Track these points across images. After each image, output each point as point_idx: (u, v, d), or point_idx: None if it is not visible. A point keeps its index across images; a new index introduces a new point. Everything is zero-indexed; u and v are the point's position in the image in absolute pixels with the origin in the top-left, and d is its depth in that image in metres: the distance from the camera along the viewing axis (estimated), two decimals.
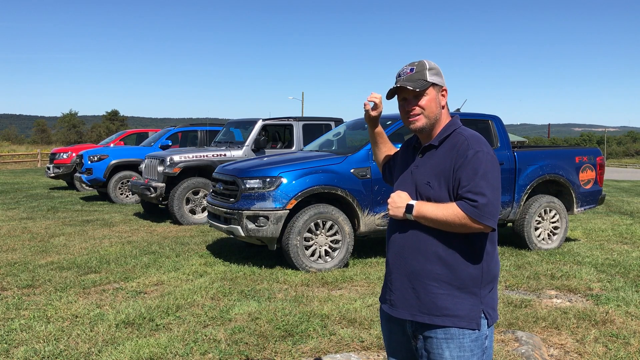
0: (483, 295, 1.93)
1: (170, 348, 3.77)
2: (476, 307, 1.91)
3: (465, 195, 1.85)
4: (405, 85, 1.96)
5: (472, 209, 1.83)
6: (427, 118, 1.99)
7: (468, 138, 1.95)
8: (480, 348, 1.92)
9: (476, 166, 1.87)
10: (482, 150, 1.90)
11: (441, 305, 1.90)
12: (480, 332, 1.91)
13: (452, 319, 1.89)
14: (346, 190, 6.15)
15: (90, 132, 66.57)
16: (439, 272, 1.91)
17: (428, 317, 1.91)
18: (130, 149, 13.38)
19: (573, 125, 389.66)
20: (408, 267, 1.97)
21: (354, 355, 3.69)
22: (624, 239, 8.18)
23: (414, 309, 1.95)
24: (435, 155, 2.00)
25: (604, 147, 67.13)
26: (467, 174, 1.87)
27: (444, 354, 1.91)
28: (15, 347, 3.81)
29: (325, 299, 4.96)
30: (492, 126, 7.26)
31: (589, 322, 4.38)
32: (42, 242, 7.67)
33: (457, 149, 1.93)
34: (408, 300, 1.96)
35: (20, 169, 28.47)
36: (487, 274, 1.94)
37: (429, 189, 1.95)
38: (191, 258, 6.63)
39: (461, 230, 1.87)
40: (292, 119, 10.43)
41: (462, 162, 1.89)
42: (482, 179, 1.85)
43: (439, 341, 1.91)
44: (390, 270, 2.05)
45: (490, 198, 1.84)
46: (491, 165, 1.89)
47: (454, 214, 1.84)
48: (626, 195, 15.52)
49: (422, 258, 1.94)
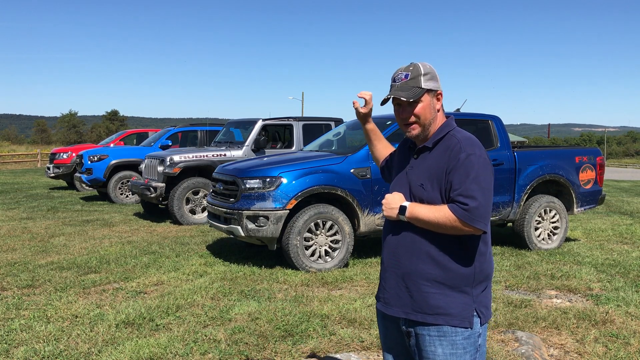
0: (476, 294, 1.96)
1: (170, 348, 3.77)
2: (469, 305, 1.94)
3: (457, 199, 1.88)
4: (399, 95, 1.98)
5: (463, 212, 1.85)
6: (422, 125, 2.02)
7: (461, 140, 1.96)
8: (473, 346, 1.95)
9: (468, 169, 1.89)
10: (474, 153, 1.92)
11: (434, 304, 1.93)
12: (473, 331, 1.94)
13: (445, 318, 1.92)
14: (346, 190, 6.15)
15: (90, 132, 66.59)
16: (431, 272, 1.94)
17: (421, 315, 1.95)
18: (130, 149, 13.38)
19: (573, 125, 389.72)
20: (402, 266, 2.00)
21: (354, 355, 3.69)
22: (624, 239, 8.18)
23: (407, 307, 1.98)
24: (429, 157, 2.02)
25: (604, 147, 67.15)
26: (459, 177, 1.89)
27: (437, 351, 1.94)
28: (15, 347, 3.81)
29: (325, 299, 4.96)
30: (492, 126, 7.26)
31: (589, 322, 4.38)
32: (42, 242, 7.67)
33: (450, 151, 1.95)
34: (402, 298, 2.00)
35: (20, 169, 28.47)
36: (479, 274, 1.97)
37: (422, 190, 1.98)
38: (191, 258, 6.63)
39: (452, 232, 1.90)
40: (292, 119, 10.43)
41: (455, 164, 1.91)
42: (474, 183, 1.87)
43: (432, 339, 1.94)
44: (384, 269, 2.09)
45: (481, 201, 1.86)
46: (483, 169, 1.90)
47: (445, 216, 1.87)
48: (626, 195, 15.52)
49: (416, 258, 1.97)
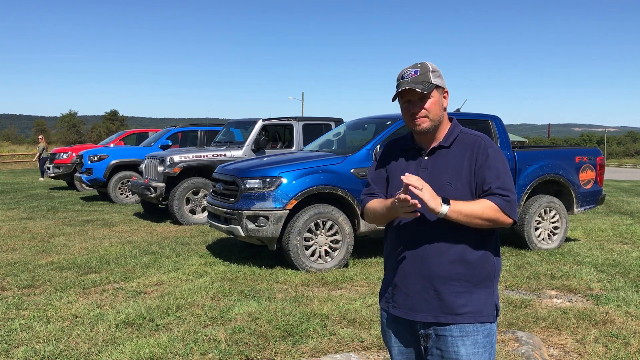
0: (494, 288, 2.03)
1: (170, 348, 3.77)
2: (491, 300, 1.99)
3: (496, 191, 1.92)
4: (414, 87, 1.96)
5: (506, 203, 1.91)
6: (432, 120, 2.01)
7: (482, 137, 2.03)
8: (490, 344, 1.98)
9: (498, 164, 1.96)
10: (498, 149, 2.01)
11: (462, 302, 1.94)
12: (491, 328, 1.98)
13: (474, 315, 1.95)
14: (346, 190, 6.15)
15: (90, 132, 66.53)
16: (460, 272, 1.95)
17: (452, 316, 1.94)
18: (130, 149, 13.38)
19: (573, 125, 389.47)
20: (429, 269, 1.96)
21: (354, 355, 3.69)
22: (624, 239, 8.18)
23: (436, 310, 1.96)
24: (448, 156, 2.01)
25: (604, 147, 67.11)
26: (494, 171, 1.95)
27: (460, 351, 1.93)
28: (15, 347, 3.81)
29: (325, 299, 4.95)
30: (492, 126, 7.26)
31: (589, 322, 4.38)
32: (42, 242, 7.67)
33: (475, 148, 1.99)
34: (429, 302, 1.97)
35: (20, 169, 28.48)
36: (498, 269, 2.04)
37: (451, 189, 1.95)
38: (191, 258, 6.63)
39: (489, 225, 1.92)
40: (292, 119, 10.43)
41: (485, 160, 1.96)
42: (507, 176, 1.96)
43: (454, 339, 1.94)
44: (404, 275, 2.01)
45: (515, 193, 1.97)
46: (507, 164, 2.02)
47: (490, 208, 1.90)
48: (626, 195, 15.51)
49: (445, 259, 1.95)
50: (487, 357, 1.96)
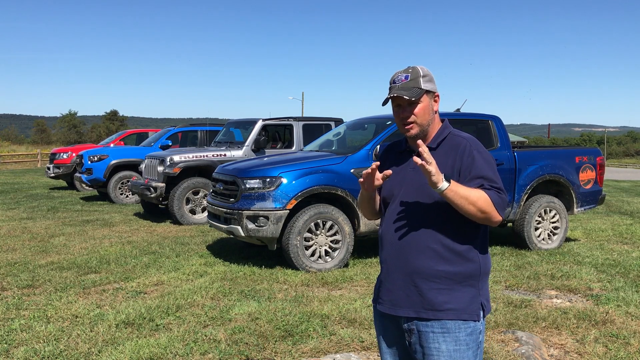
0: (481, 287, 2.02)
1: (170, 348, 3.77)
2: (476, 299, 1.99)
3: (492, 186, 1.95)
4: (401, 94, 2.01)
5: (500, 200, 1.94)
6: (421, 125, 2.05)
7: (468, 139, 2.05)
8: (475, 342, 1.98)
9: (486, 165, 1.98)
10: (485, 151, 2.03)
11: (444, 299, 1.96)
12: (475, 326, 1.97)
13: (456, 312, 1.95)
14: (346, 191, 6.15)
15: (90, 132, 66.53)
16: (440, 269, 1.96)
17: (432, 312, 1.96)
18: (130, 149, 13.38)
19: (573, 125, 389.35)
20: (409, 265, 2.00)
21: (354, 355, 3.69)
22: (624, 239, 8.18)
23: (417, 306, 1.99)
24: (435, 157, 2.02)
25: (604, 147, 67.06)
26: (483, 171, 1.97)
27: (441, 347, 1.95)
28: (15, 347, 3.81)
29: (325, 299, 4.96)
30: (492, 126, 7.25)
31: (589, 322, 4.38)
32: (42, 242, 7.67)
33: (460, 150, 2.01)
34: (411, 297, 2.00)
35: (20, 169, 28.47)
36: (484, 268, 2.03)
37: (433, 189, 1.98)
38: (191, 258, 6.63)
39: (479, 216, 1.92)
40: (292, 119, 10.43)
41: (472, 162, 1.98)
42: (496, 176, 1.98)
43: (435, 335, 1.96)
44: (388, 270, 2.07)
45: (506, 194, 2.00)
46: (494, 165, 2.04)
47: (484, 199, 1.91)
48: (626, 195, 15.52)
49: (423, 255, 1.98)
50: (470, 355, 1.97)
